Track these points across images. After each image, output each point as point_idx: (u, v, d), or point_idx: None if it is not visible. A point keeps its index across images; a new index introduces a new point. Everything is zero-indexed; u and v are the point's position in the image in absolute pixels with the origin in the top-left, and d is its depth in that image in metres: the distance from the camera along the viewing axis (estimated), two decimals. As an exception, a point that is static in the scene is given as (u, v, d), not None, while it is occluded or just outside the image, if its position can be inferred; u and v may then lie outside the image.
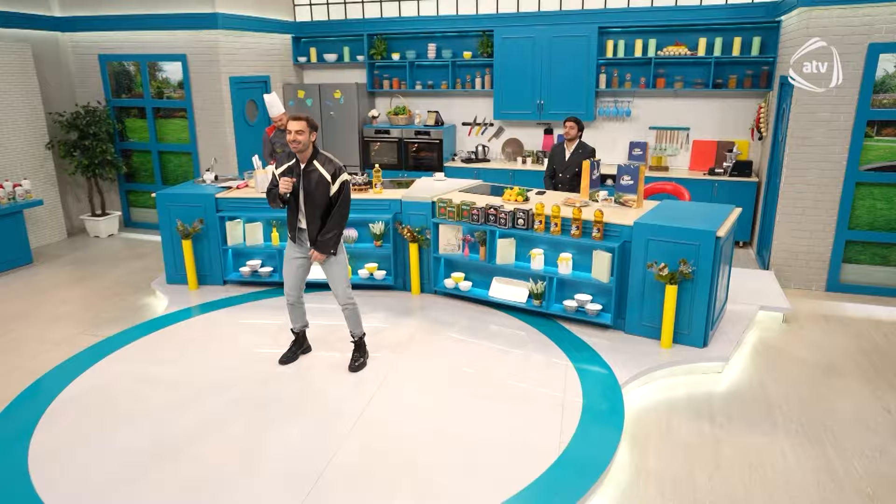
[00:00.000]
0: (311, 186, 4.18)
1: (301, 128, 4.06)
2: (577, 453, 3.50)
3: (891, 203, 5.98)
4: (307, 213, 4.25)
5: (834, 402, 4.23)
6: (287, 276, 4.47)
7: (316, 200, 4.20)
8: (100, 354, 4.78)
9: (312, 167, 4.20)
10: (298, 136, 4.06)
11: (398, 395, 4.16)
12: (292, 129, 4.05)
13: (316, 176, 4.19)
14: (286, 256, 4.48)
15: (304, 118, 4.08)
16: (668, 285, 4.60)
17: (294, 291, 4.49)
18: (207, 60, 7.91)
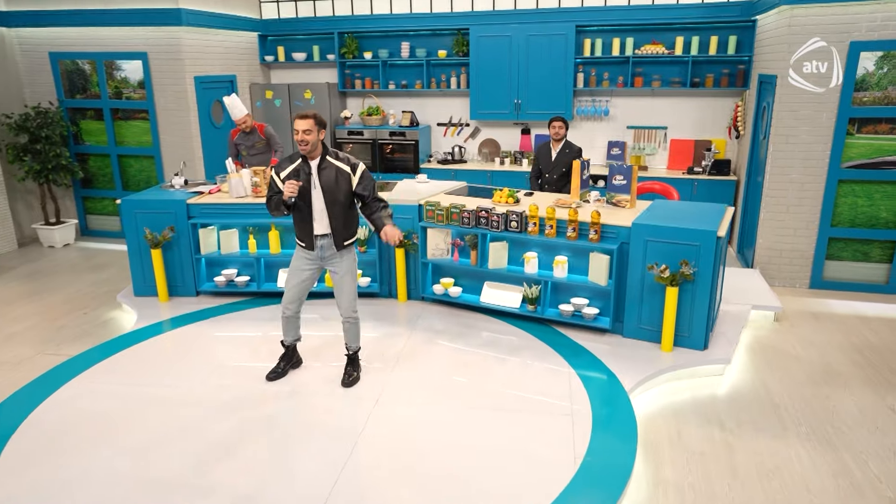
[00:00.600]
0: (332, 184, 3.89)
1: (308, 126, 3.77)
2: (594, 467, 3.34)
3: (871, 200, 6.03)
4: (330, 214, 3.94)
5: (837, 403, 4.19)
6: (290, 287, 4.16)
7: (339, 198, 3.92)
8: (65, 376, 4.40)
9: (326, 164, 3.91)
10: (306, 136, 3.78)
11: (398, 411, 3.93)
12: (299, 128, 3.77)
13: (334, 172, 3.90)
14: (294, 267, 4.15)
15: (310, 116, 3.79)
16: (668, 287, 4.49)
17: (294, 304, 4.21)
18: (170, 59, 7.51)
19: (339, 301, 4.18)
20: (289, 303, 4.20)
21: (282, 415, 3.90)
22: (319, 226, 3.99)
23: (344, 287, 4.13)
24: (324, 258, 4.08)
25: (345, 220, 4.00)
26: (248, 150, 6.39)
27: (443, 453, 3.48)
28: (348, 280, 4.13)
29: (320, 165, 3.91)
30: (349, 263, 4.12)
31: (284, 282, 4.24)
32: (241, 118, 6.16)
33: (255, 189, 5.69)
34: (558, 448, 3.50)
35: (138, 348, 4.83)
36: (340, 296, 4.15)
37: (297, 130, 3.78)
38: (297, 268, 4.14)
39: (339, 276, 4.11)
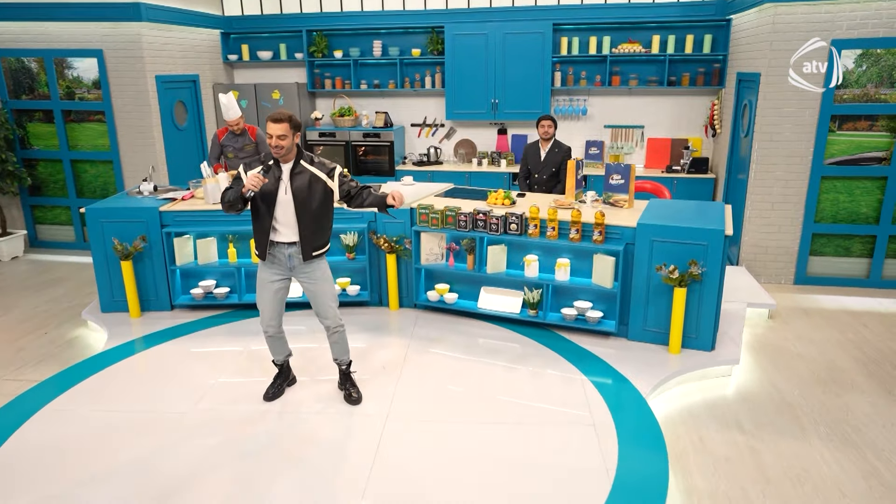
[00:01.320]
0: (304, 190, 3.61)
1: (283, 132, 3.47)
2: (629, 479, 3.19)
3: (852, 196, 6.13)
4: (300, 222, 3.64)
5: (849, 401, 4.17)
6: (265, 304, 3.80)
7: (310, 205, 3.63)
8: (34, 405, 3.97)
9: (300, 168, 3.62)
10: (281, 141, 3.49)
11: (412, 428, 3.69)
12: (273, 133, 3.47)
13: (307, 177, 3.62)
14: (260, 280, 3.78)
15: (285, 119, 3.48)
16: (676, 288, 4.39)
17: (275, 321, 3.87)
18: (129, 56, 7.03)
19: (320, 310, 3.85)
20: (269, 321, 3.85)
21: (278, 438, 3.60)
22: (286, 234, 3.67)
23: (321, 293, 3.80)
24: (292, 268, 3.76)
25: (315, 229, 3.69)
26: (236, 152, 6.01)
27: (471, 473, 3.26)
28: (325, 286, 3.81)
29: (293, 170, 3.61)
30: (322, 270, 3.81)
31: (257, 300, 3.86)
32: (235, 119, 5.79)
33: (234, 194, 5.32)
34: (588, 460, 3.34)
35: (112, 370, 4.43)
36: (320, 304, 3.82)
37: (271, 135, 3.48)
38: (265, 281, 3.77)
39: (313, 283, 3.79)
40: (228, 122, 5.82)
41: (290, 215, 3.64)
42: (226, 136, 5.97)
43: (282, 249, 3.70)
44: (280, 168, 3.62)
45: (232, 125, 5.82)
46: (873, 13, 5.62)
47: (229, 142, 5.97)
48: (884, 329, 5.26)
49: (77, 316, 5.65)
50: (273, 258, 3.71)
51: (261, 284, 3.80)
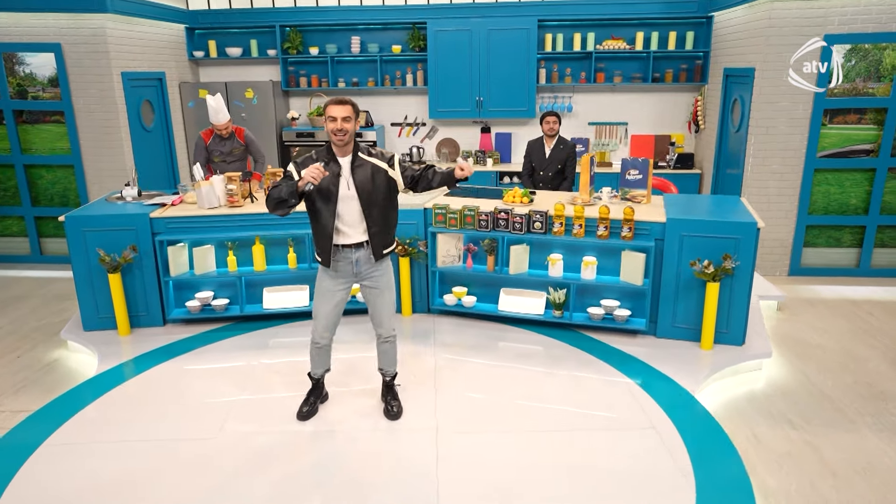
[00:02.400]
0: (368, 182, 3.31)
1: (348, 113, 3.21)
2: (710, 482, 3.07)
3: (842, 187, 6.28)
4: (368, 220, 3.36)
5: (884, 388, 4.20)
6: (323, 313, 3.53)
7: (377, 198, 3.35)
8: (32, 439, 3.51)
9: (360, 161, 3.34)
10: (345, 124, 3.21)
11: (466, 441, 3.45)
12: (337, 115, 3.18)
13: (369, 169, 3.33)
14: (322, 289, 3.52)
15: (349, 102, 3.23)
16: (709, 283, 4.33)
17: (329, 332, 3.60)
18: (92, 52, 6.46)
19: (377, 318, 3.63)
20: (323, 331, 3.59)
21: (333, 463, 3.30)
22: (352, 234, 3.40)
23: (382, 302, 3.58)
24: (359, 273, 3.50)
25: (384, 225, 3.44)
26: (224, 156, 5.59)
27: (548, 484, 3.06)
28: (388, 294, 3.59)
29: (354, 163, 3.34)
30: (388, 276, 3.59)
31: (314, 308, 3.60)
32: (224, 123, 5.38)
33: (231, 199, 4.95)
34: (660, 463, 3.21)
35: (113, 395, 3.98)
36: (379, 312, 3.60)
37: (335, 118, 3.20)
38: (327, 289, 3.51)
39: (378, 290, 3.55)
40: (217, 126, 5.41)
41: (355, 213, 3.35)
42: (212, 140, 5.54)
43: (347, 254, 3.42)
44: (338, 163, 3.31)
45: (220, 128, 5.41)
46: (863, 9, 5.77)
47: (216, 145, 5.55)
48: (889, 317, 5.38)
49: (52, 336, 5.12)
50: (337, 264, 3.43)
51: (321, 293, 3.52)
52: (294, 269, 4.96)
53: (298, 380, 4.10)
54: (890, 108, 5.99)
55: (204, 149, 5.52)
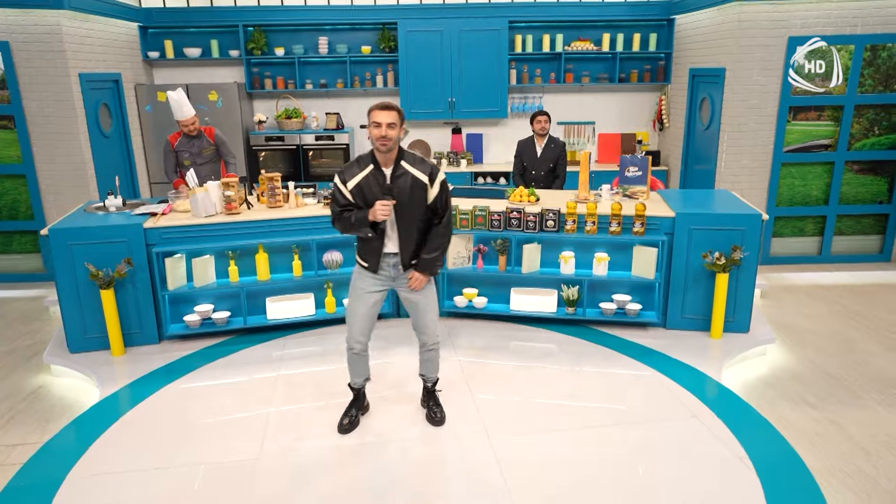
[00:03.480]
0: (404, 194, 3.20)
1: (393, 119, 3.11)
2: (769, 464, 3.17)
3: (805, 180, 6.68)
4: (400, 231, 3.26)
5: (879, 366, 4.48)
6: (358, 317, 3.41)
7: (410, 213, 3.24)
8: (54, 472, 3.19)
9: (401, 170, 3.22)
10: (390, 130, 3.10)
11: (519, 442, 3.42)
12: (382, 121, 3.08)
13: (408, 181, 3.22)
14: (358, 290, 3.41)
15: (394, 107, 3.13)
16: (718, 274, 4.49)
17: (364, 337, 3.45)
18: (47, 51, 5.98)
19: (419, 324, 3.53)
20: (358, 335, 3.45)
21: (387, 474, 3.18)
22: (391, 243, 3.33)
23: (427, 308, 3.48)
24: (395, 278, 3.42)
25: (418, 238, 3.34)
26: (193, 157, 5.28)
27: (613, 478, 3.08)
28: (430, 299, 3.50)
29: (394, 172, 3.23)
30: (429, 281, 3.50)
31: (347, 312, 3.48)
32: (189, 119, 5.10)
33: (229, 205, 4.70)
34: (715, 451, 3.30)
35: (129, 419, 3.68)
36: (422, 318, 3.50)
37: (379, 123, 3.09)
38: (362, 290, 3.41)
39: (416, 294, 3.46)
40: (182, 123, 5.15)
41: (390, 223, 3.28)
42: (179, 141, 5.25)
43: (388, 259, 3.34)
44: (382, 172, 3.21)
45: (186, 125, 5.15)
46: (823, 13, 6.16)
47: (184, 146, 5.27)
48: (858, 299, 5.77)
49: (27, 361, 4.69)
50: (379, 269, 3.35)
51: (356, 295, 3.41)
52: (299, 276, 4.76)
53: (326, 391, 3.95)
54: (846, 105, 6.42)
55: (172, 153, 5.22)
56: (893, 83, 6.39)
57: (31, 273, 6.54)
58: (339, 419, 3.57)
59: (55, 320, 5.44)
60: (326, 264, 4.78)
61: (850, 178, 6.69)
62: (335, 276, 4.82)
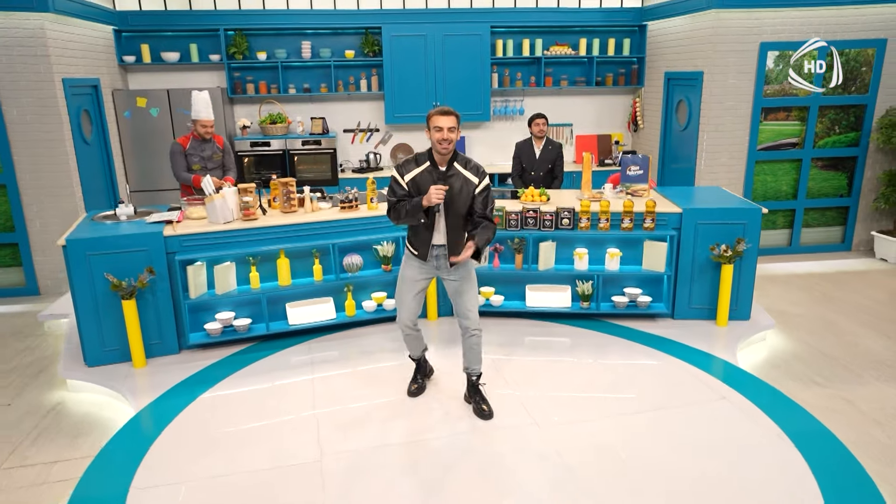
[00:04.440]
0: (455, 194, 3.46)
1: (453, 124, 3.35)
2: (808, 440, 3.42)
3: (776, 176, 7.14)
4: (448, 226, 3.49)
5: (868, 347, 4.86)
6: (407, 303, 3.72)
7: (458, 210, 3.50)
8: (113, 488, 3.11)
9: (454, 171, 3.46)
10: (450, 133, 3.33)
11: (572, 433, 3.55)
12: (444, 125, 3.29)
13: (460, 181, 3.47)
14: (407, 278, 3.69)
15: (454, 112, 3.35)
16: (724, 265, 4.78)
17: (412, 322, 3.77)
18: (29, 55, 5.74)
19: (462, 310, 3.68)
20: (407, 320, 3.74)
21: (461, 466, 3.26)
22: (440, 235, 3.55)
23: (468, 294, 3.66)
24: (439, 266, 3.65)
25: (463, 234, 3.57)
26: (204, 162, 5.22)
27: (674, 457, 3.26)
28: (471, 286, 3.69)
29: (447, 172, 3.46)
30: (470, 270, 3.70)
31: (397, 299, 3.77)
32: (211, 120, 5.08)
33: (248, 211, 4.66)
34: (755, 429, 3.54)
35: (175, 431, 3.61)
36: (464, 304, 3.66)
37: (441, 128, 3.32)
38: (411, 278, 3.68)
39: (458, 282, 3.65)
40: (202, 123, 5.12)
41: (445, 218, 3.51)
42: (190, 144, 5.20)
43: (434, 251, 3.58)
44: (438, 169, 3.43)
45: (207, 126, 5.12)
46: (790, 21, 6.61)
47: (195, 150, 5.22)
48: (832, 285, 6.22)
49: (36, 378, 4.51)
50: (427, 258, 3.59)
51: (405, 282, 3.70)
52: (320, 281, 4.77)
53: (365, 391, 4.01)
54: (811, 106, 6.90)
55: (182, 154, 5.14)
56: (851, 86, 6.91)
57: (12, 287, 6.25)
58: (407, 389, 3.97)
59: (53, 335, 5.24)
60: (347, 268, 4.80)
61: (815, 173, 7.19)
62: (356, 279, 4.85)
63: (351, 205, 4.94)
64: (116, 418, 3.95)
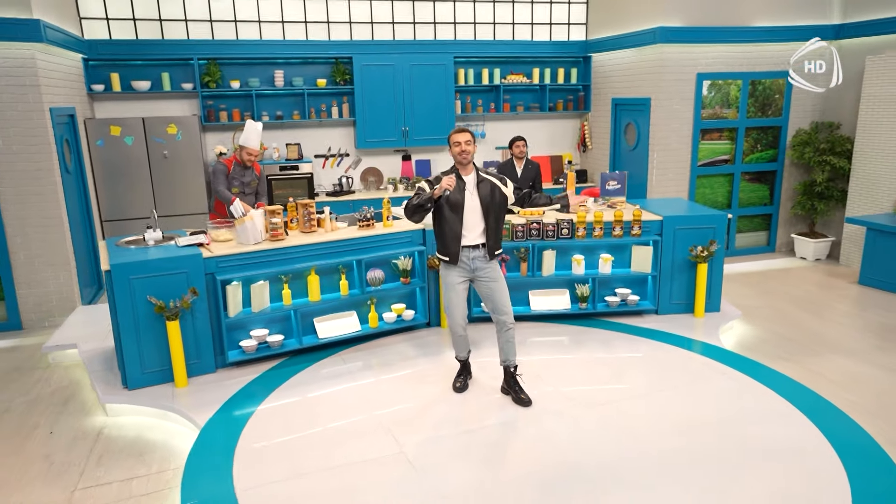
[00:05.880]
0: (489, 196, 4.06)
1: (469, 138, 4.03)
2: (813, 407, 4.07)
3: (713, 189, 8.12)
4: (486, 225, 4.07)
5: (819, 330, 5.71)
6: (456, 306, 4.20)
7: (495, 210, 4.09)
8: (215, 497, 3.27)
9: (482, 178, 4.10)
10: (467, 146, 3.99)
11: (609, 413, 4.05)
12: (461, 140, 3.98)
13: (489, 185, 4.09)
14: (450, 284, 4.18)
15: (468, 130, 4.03)
16: (700, 264, 5.52)
17: (464, 321, 4.27)
18: (17, 84, 5.67)
19: (498, 307, 4.16)
20: (460, 321, 4.23)
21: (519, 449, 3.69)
22: (472, 238, 4.07)
23: (501, 291, 4.17)
24: (475, 269, 4.14)
25: (496, 232, 4.16)
26: (244, 187, 5.47)
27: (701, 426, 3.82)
28: (502, 284, 4.20)
29: (478, 179, 4.07)
30: (498, 270, 4.23)
31: (446, 304, 4.23)
32: (256, 151, 5.35)
33: (276, 232, 4.89)
34: (766, 402, 4.13)
35: (250, 440, 3.77)
36: (499, 300, 4.15)
37: (459, 142, 3.96)
38: (452, 284, 4.19)
39: (494, 281, 4.16)
40: (249, 151, 5.36)
41: (477, 220, 4.05)
42: (234, 168, 5.42)
43: (467, 253, 4.06)
44: (463, 180, 3.96)
45: (252, 154, 5.36)
46: (719, 55, 7.63)
47: (237, 175, 5.45)
48: (769, 281, 7.18)
49: (64, 406, 4.49)
50: (460, 262, 4.04)
51: (449, 287, 4.17)
52: (346, 295, 5.05)
53: (414, 392, 4.37)
54: (739, 127, 7.95)
55: (225, 175, 5.34)
56: (768, 110, 8.02)
57: (-8, 323, 6.03)
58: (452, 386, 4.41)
59: (62, 366, 5.18)
60: (370, 282, 5.11)
61: (744, 185, 8.23)
62: (378, 292, 5.16)
63: (368, 223, 5.26)
64: (174, 436, 4.05)
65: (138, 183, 7.25)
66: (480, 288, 4.20)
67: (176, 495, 3.41)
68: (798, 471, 3.37)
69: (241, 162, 5.53)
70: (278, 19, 7.81)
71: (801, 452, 3.53)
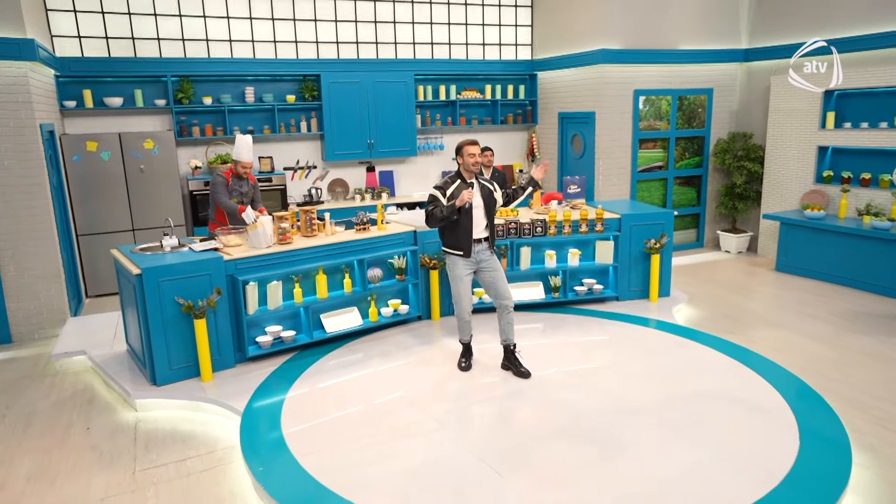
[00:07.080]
0: (489, 197, 4.78)
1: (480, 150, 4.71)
2: (769, 372, 4.93)
3: (650, 192, 9.11)
4: (488, 221, 4.70)
5: (752, 306, 6.70)
6: (464, 295, 4.80)
7: (492, 208, 4.78)
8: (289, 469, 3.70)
9: (482, 182, 4.80)
10: (480, 158, 4.75)
11: (605, 379, 4.74)
12: (475, 152, 4.65)
13: (488, 189, 4.79)
14: (457, 276, 4.74)
15: (478, 142, 4.67)
16: (653, 255, 6.37)
17: (470, 309, 4.85)
18: (9, 102, 5.82)
19: (500, 292, 4.79)
20: (467, 308, 4.82)
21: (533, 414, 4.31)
22: (477, 233, 4.72)
23: (501, 278, 4.82)
24: (479, 260, 4.76)
25: (493, 227, 4.83)
26: (242, 197, 5.80)
27: (678, 385, 4.57)
28: (502, 275, 4.84)
29: (480, 185, 4.73)
30: (496, 261, 4.88)
31: (455, 294, 4.81)
32: (250, 163, 5.73)
33: (285, 236, 5.31)
34: (717, 365, 4.96)
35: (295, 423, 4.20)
36: (501, 287, 4.79)
37: (474, 154, 4.63)
38: (460, 276, 4.78)
39: (496, 271, 4.81)
40: (243, 164, 5.70)
41: (480, 218, 4.70)
42: (233, 180, 5.79)
43: (476, 245, 4.69)
44: (466, 183, 4.64)
45: (247, 167, 5.71)
46: (652, 74, 8.64)
47: (235, 185, 5.80)
48: (703, 271, 8.18)
49: (89, 405, 4.74)
50: (468, 255, 4.64)
51: (458, 279, 4.75)
52: (349, 292, 5.52)
53: (425, 374, 4.90)
54: (670, 137, 8.99)
55: (225, 187, 5.68)
56: (693, 122, 9.11)
57: (-17, 337, 6.06)
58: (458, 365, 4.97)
59: (73, 371, 5.36)
60: (371, 279, 5.61)
61: (676, 189, 9.28)
62: (377, 288, 5.67)
63: (365, 227, 5.77)
64: (210, 424, 4.40)
65: (114, 197, 7.40)
66: (484, 277, 4.80)
67: (233, 469, 3.80)
68: (755, 412, 4.16)
69: (237, 174, 5.89)
70: (249, 38, 8.16)
71: (754, 400, 4.33)
